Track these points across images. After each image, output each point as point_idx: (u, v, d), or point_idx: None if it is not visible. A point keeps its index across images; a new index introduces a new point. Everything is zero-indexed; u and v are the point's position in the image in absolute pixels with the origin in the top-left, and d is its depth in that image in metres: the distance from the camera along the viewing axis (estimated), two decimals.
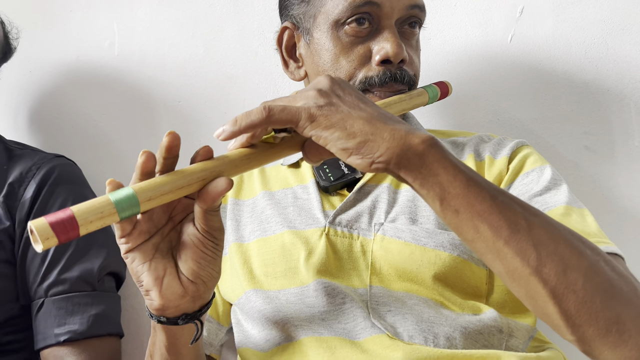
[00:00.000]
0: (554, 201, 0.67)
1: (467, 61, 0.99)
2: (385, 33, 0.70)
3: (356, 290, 0.65)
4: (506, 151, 0.74)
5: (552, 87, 0.96)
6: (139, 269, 0.53)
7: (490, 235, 0.48)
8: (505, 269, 0.49)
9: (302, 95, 0.51)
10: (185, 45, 1.09)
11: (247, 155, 0.53)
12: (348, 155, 0.49)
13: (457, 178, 0.48)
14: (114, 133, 1.10)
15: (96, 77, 1.12)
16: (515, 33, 0.98)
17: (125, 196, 0.46)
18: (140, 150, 1.11)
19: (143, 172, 0.50)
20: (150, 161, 0.50)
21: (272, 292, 0.68)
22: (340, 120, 0.49)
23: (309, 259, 0.67)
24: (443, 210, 0.49)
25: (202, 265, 0.54)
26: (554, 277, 0.47)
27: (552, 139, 0.95)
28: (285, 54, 0.79)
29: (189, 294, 0.54)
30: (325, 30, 0.72)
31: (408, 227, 0.67)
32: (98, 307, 0.85)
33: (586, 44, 0.95)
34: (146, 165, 0.50)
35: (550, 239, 0.48)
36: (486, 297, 0.67)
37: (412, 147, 0.48)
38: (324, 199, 0.74)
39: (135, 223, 0.52)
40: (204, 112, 1.07)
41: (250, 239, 0.74)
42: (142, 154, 0.50)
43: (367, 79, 0.70)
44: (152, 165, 0.50)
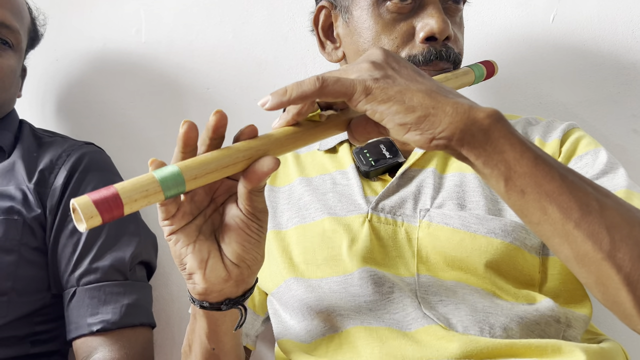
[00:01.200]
0: (612, 185, 0.63)
1: (507, 43, 0.95)
2: (430, 9, 0.67)
3: (404, 279, 0.62)
4: (557, 133, 0.71)
5: (597, 68, 0.91)
6: (182, 251, 0.51)
7: (560, 217, 0.45)
8: (575, 254, 0.45)
9: (355, 68, 0.48)
10: (213, 30, 1.07)
11: (293, 133, 0.51)
12: (406, 130, 0.46)
13: (525, 156, 0.45)
14: (142, 121, 1.08)
15: (123, 64, 1.10)
16: (557, 13, 0.94)
17: (170, 174, 0.44)
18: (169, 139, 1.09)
19: (185, 144, 0.48)
20: (193, 131, 0.48)
21: (314, 281, 0.65)
22: (398, 93, 0.46)
23: (352, 246, 0.64)
24: (508, 190, 0.46)
25: (246, 248, 0.51)
26: (628, 262, 0.44)
27: (598, 122, 0.91)
28: (321, 35, 0.76)
29: (232, 278, 0.52)
30: (366, 8, 0.69)
31: (456, 213, 0.64)
32: (130, 297, 0.83)
33: (633, 23, 0.91)
34: (188, 136, 0.47)
35: (624, 221, 0.45)
36: (539, 286, 0.63)
37: (477, 121, 0.45)
38: (365, 184, 0.71)
39: (180, 204, 0.50)
40: (233, 99, 1.05)
41: (288, 226, 0.71)
42: (183, 124, 0.48)
43: (410, 57, 0.67)
44: (195, 136, 0.48)
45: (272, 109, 0.48)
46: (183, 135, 0.47)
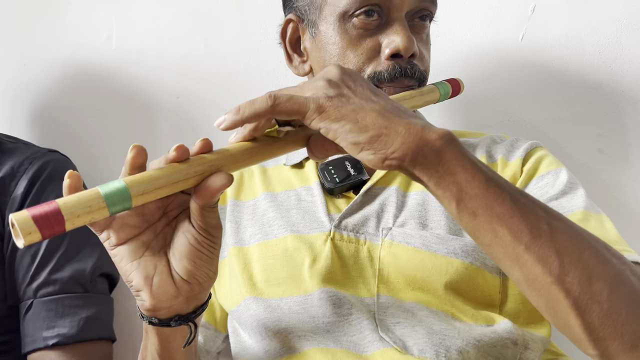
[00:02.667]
0: (570, 206, 0.63)
1: (476, 60, 0.96)
2: (396, 26, 0.67)
3: (363, 300, 0.62)
4: (520, 153, 0.71)
5: (564, 87, 0.92)
6: (127, 267, 0.49)
7: (510, 240, 0.44)
8: (525, 277, 0.45)
9: (311, 85, 0.48)
10: (185, 39, 1.06)
11: (249, 149, 0.50)
12: (359, 150, 0.45)
13: (476, 177, 0.45)
14: (110, 129, 1.07)
15: (93, 71, 1.09)
16: (526, 32, 0.95)
17: (116, 189, 0.43)
18: None
19: (133, 168, 0.46)
20: (141, 157, 0.46)
21: (273, 300, 0.64)
22: (351, 112, 0.45)
23: (314, 265, 0.64)
24: (459, 212, 0.45)
25: (197, 265, 0.50)
26: (577, 286, 0.44)
27: (564, 141, 0.92)
28: (289, 48, 0.75)
29: (182, 295, 0.51)
30: (332, 23, 0.69)
31: (418, 233, 0.64)
32: (89, 310, 0.81)
33: (600, 44, 0.92)
34: (136, 161, 0.46)
35: (574, 245, 0.45)
36: (500, 307, 0.63)
37: (429, 142, 0.45)
38: (329, 201, 0.71)
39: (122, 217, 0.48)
40: (203, 109, 1.04)
41: (250, 242, 0.70)
42: (132, 149, 0.46)
43: (376, 74, 0.67)
44: (143, 160, 0.46)
45: (227, 129, 0.47)
46: (131, 160, 0.46)
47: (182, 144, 0.46)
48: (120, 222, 0.49)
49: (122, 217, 0.49)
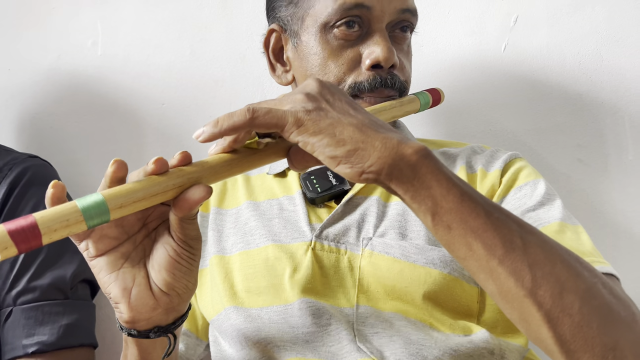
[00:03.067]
0: (547, 217, 0.64)
1: (459, 70, 0.97)
2: (376, 37, 0.68)
3: (342, 310, 0.62)
4: (499, 164, 0.72)
5: (545, 98, 0.94)
6: (105, 279, 0.50)
7: (484, 253, 0.45)
8: (498, 290, 0.46)
9: (289, 99, 0.48)
10: (171, 46, 1.06)
11: (228, 161, 0.50)
12: (337, 163, 0.46)
13: (451, 192, 0.45)
14: (95, 135, 1.06)
15: (78, 76, 1.09)
16: (509, 42, 0.96)
17: (94, 203, 0.43)
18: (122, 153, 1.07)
19: (112, 182, 0.46)
20: (121, 170, 0.46)
21: (253, 310, 0.64)
22: (329, 126, 0.46)
23: (294, 275, 0.64)
24: (435, 225, 0.46)
25: (176, 277, 0.50)
26: (549, 299, 0.45)
27: (545, 151, 0.93)
28: (272, 58, 0.76)
29: (161, 306, 0.51)
30: (314, 33, 0.69)
31: (397, 243, 0.65)
32: (70, 317, 0.81)
33: (580, 55, 0.93)
34: (116, 175, 0.46)
35: (546, 259, 0.46)
36: (477, 317, 0.64)
37: (405, 157, 0.45)
38: (310, 211, 0.71)
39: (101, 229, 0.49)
40: (188, 116, 1.04)
41: (232, 251, 0.70)
42: (112, 163, 0.46)
43: (356, 84, 0.68)
44: (123, 174, 0.46)
45: (205, 141, 0.48)
46: (111, 174, 0.46)
47: (160, 156, 0.46)
48: (100, 233, 0.49)
49: (101, 228, 0.49)
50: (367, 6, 0.67)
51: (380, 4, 0.67)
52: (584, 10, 0.94)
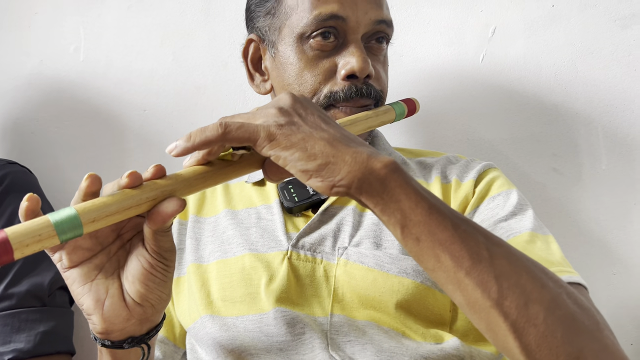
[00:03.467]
0: (519, 227, 0.65)
1: (438, 79, 0.98)
2: (351, 47, 0.69)
3: (316, 319, 0.63)
4: (473, 174, 0.73)
5: (522, 108, 0.95)
6: (78, 290, 0.50)
7: (452, 265, 0.46)
8: (466, 301, 0.47)
9: (262, 113, 0.49)
10: (153, 52, 1.07)
11: (202, 173, 0.50)
12: (308, 177, 0.47)
13: (419, 205, 0.46)
14: (75, 141, 1.06)
15: (60, 82, 1.09)
16: (486, 53, 0.97)
17: (66, 217, 0.43)
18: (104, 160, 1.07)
19: (86, 195, 0.47)
20: (95, 185, 0.46)
21: (229, 319, 0.65)
22: (300, 141, 0.47)
23: (270, 284, 0.65)
24: (404, 237, 0.47)
25: (150, 288, 0.51)
26: (514, 310, 0.46)
27: (521, 160, 0.95)
28: (250, 67, 0.77)
29: (135, 317, 0.51)
30: (290, 44, 0.70)
31: (372, 252, 0.66)
32: (47, 324, 0.81)
33: (556, 67, 0.95)
34: (90, 190, 0.46)
35: (512, 270, 0.47)
36: (450, 325, 0.65)
37: (374, 171, 0.46)
38: (287, 220, 0.72)
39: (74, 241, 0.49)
40: (170, 122, 1.05)
41: (209, 260, 0.71)
42: (86, 177, 0.46)
43: (332, 93, 0.69)
44: (97, 188, 0.47)
45: (178, 155, 0.48)
46: (85, 189, 0.46)
47: (134, 170, 0.47)
48: (73, 245, 0.49)
49: (75, 240, 0.49)
50: (342, 17, 0.68)
51: (355, 15, 0.68)
52: (560, 23, 0.96)
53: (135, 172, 0.46)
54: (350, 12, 0.68)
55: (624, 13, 0.95)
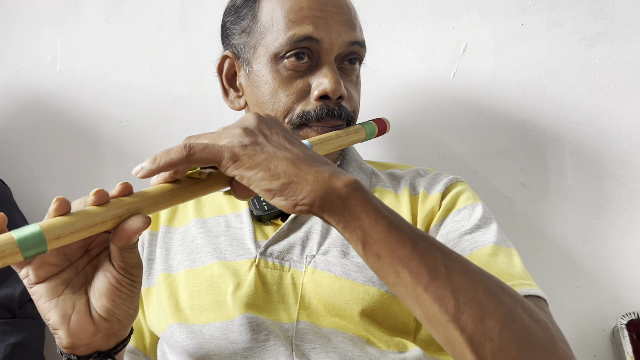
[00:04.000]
0: (483, 240, 0.67)
1: (411, 95, 1.00)
2: (325, 69, 0.70)
3: (282, 325, 0.64)
4: (440, 187, 0.75)
5: (491, 124, 0.98)
6: (45, 306, 0.50)
7: (411, 281, 0.48)
8: (425, 315, 0.48)
9: (228, 133, 0.50)
10: (130, 65, 1.07)
11: (169, 191, 0.51)
12: (272, 196, 0.48)
13: (379, 223, 0.48)
14: (51, 152, 1.06)
15: (36, 93, 1.09)
16: (458, 70, 1.00)
17: (30, 234, 0.43)
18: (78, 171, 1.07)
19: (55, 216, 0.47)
20: (63, 209, 0.46)
21: (196, 327, 0.66)
22: (264, 161, 0.48)
23: (237, 292, 0.66)
24: (366, 254, 0.49)
25: (116, 304, 0.51)
26: (471, 324, 0.47)
27: (490, 175, 0.97)
28: (225, 83, 0.78)
29: (101, 332, 0.52)
30: (265, 63, 0.72)
31: (339, 261, 0.67)
32: (18, 336, 0.80)
33: (525, 84, 0.98)
34: (58, 214, 0.46)
35: (469, 285, 0.48)
36: (414, 335, 0.67)
37: (335, 190, 0.48)
38: (257, 228, 0.73)
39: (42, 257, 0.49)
40: (146, 134, 1.05)
41: (179, 269, 0.72)
42: (55, 201, 0.46)
43: (304, 113, 0.70)
44: (66, 212, 0.46)
45: (145, 177, 0.49)
46: (53, 213, 0.46)
47: (101, 188, 0.47)
48: (40, 261, 0.50)
49: (42, 256, 0.50)
50: (316, 39, 0.69)
51: (329, 37, 0.70)
52: (529, 41, 0.99)
53: (102, 191, 0.47)
54: (324, 34, 0.70)
55: (590, 33, 0.98)
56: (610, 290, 0.91)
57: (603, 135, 0.96)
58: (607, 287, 0.92)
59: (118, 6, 1.09)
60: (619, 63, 0.97)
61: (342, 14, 0.71)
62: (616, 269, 0.92)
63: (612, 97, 0.96)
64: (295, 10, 0.69)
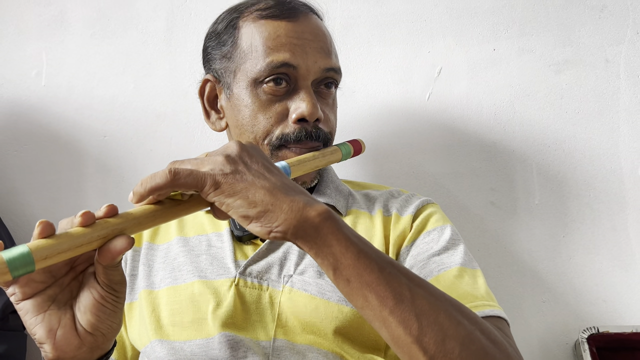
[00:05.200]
0: (449, 262, 0.71)
1: (387, 115, 1.04)
2: (302, 93, 0.74)
3: (259, 343, 0.67)
4: (411, 209, 0.79)
5: (463, 144, 1.02)
6: (31, 321, 0.53)
7: (377, 304, 0.51)
8: (390, 336, 0.52)
9: (210, 160, 0.53)
10: (115, 80, 1.10)
11: (152, 212, 0.54)
12: (249, 222, 0.51)
13: (349, 250, 0.51)
14: (35, 164, 1.08)
15: (20, 105, 1.10)
16: (432, 92, 1.04)
17: (19, 255, 0.46)
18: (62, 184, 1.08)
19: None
20: (47, 232, 0.48)
21: (177, 343, 0.69)
22: (243, 189, 0.51)
23: (217, 310, 0.69)
24: (336, 278, 0.52)
25: (101, 319, 0.54)
26: (433, 345, 0.51)
27: (462, 193, 1.01)
28: (206, 105, 0.81)
29: (86, 345, 0.54)
30: (245, 87, 0.75)
31: (315, 281, 0.70)
32: (1, 347, 0.82)
33: (496, 107, 1.03)
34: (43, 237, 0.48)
35: (431, 309, 0.52)
36: (385, 351, 0.70)
37: (308, 219, 0.51)
38: (237, 248, 0.76)
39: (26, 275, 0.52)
40: (129, 149, 1.08)
41: (160, 286, 0.74)
42: (38, 224, 0.48)
43: (283, 135, 0.73)
44: (50, 234, 0.49)
45: (138, 202, 0.52)
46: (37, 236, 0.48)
47: (87, 210, 0.50)
48: (27, 278, 0.52)
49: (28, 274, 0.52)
50: (293, 65, 0.73)
51: (305, 63, 0.73)
52: (500, 66, 1.04)
53: (88, 212, 0.50)
54: (301, 60, 0.73)
55: (557, 59, 1.03)
56: (573, 305, 0.96)
57: (568, 157, 1.01)
58: (570, 302, 0.96)
59: (104, 22, 1.11)
60: (584, 88, 1.02)
61: (318, 41, 0.75)
62: (579, 284, 0.97)
63: (577, 120, 1.01)
64: (273, 38, 0.73)
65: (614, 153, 1.00)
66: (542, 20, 1.04)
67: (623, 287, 0.96)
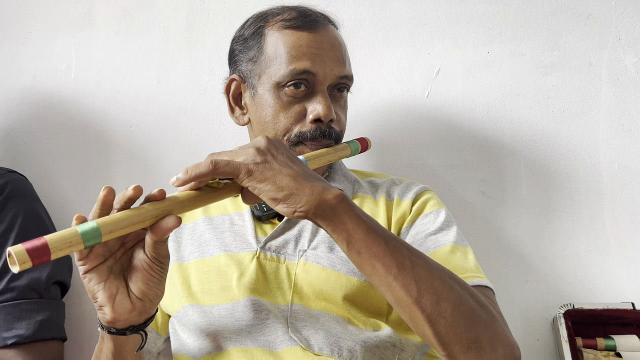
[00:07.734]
0: (444, 240, 0.82)
1: (389, 111, 1.14)
2: (319, 96, 0.83)
3: (279, 306, 0.78)
4: (411, 195, 0.89)
5: (458, 139, 1.12)
6: (94, 287, 0.63)
7: (383, 272, 0.62)
8: (394, 299, 0.63)
9: (243, 152, 0.63)
10: (139, 75, 1.19)
11: (194, 196, 0.64)
12: (277, 203, 0.61)
13: (360, 226, 0.62)
14: (66, 151, 1.17)
15: (51, 97, 1.19)
16: (431, 90, 1.14)
17: (90, 229, 0.56)
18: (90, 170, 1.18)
19: (103, 205, 0.60)
20: (110, 195, 0.59)
21: (207, 307, 0.79)
22: (272, 176, 0.61)
23: (241, 278, 0.79)
24: (349, 251, 0.62)
25: (149, 286, 0.64)
26: (429, 306, 0.62)
27: (456, 183, 1.12)
28: (232, 101, 0.91)
29: (136, 310, 0.65)
30: (268, 89, 0.84)
31: (326, 255, 0.81)
32: (44, 314, 0.92)
33: (488, 105, 1.13)
34: (107, 199, 0.59)
35: (428, 276, 0.63)
36: (386, 316, 0.80)
37: (326, 201, 0.61)
38: (257, 226, 0.86)
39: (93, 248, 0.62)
40: (153, 138, 1.17)
41: (190, 259, 0.85)
42: (104, 189, 0.59)
43: (301, 133, 0.83)
44: (112, 198, 0.60)
45: (179, 186, 0.62)
46: (102, 198, 0.59)
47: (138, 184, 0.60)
48: (94, 252, 0.62)
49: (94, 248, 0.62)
50: (312, 72, 0.83)
51: (323, 70, 0.83)
52: (493, 67, 1.13)
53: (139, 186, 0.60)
54: (319, 68, 0.83)
55: (546, 62, 1.13)
56: (553, 284, 1.07)
57: (553, 152, 1.11)
58: (550, 282, 1.07)
59: (128, 21, 1.20)
60: (569, 90, 1.12)
61: (335, 50, 0.85)
62: (558, 266, 1.08)
63: (562, 119, 1.11)
64: (296, 47, 0.83)
65: (594, 149, 1.10)
66: (532, 26, 1.14)
67: (597, 269, 1.07)
